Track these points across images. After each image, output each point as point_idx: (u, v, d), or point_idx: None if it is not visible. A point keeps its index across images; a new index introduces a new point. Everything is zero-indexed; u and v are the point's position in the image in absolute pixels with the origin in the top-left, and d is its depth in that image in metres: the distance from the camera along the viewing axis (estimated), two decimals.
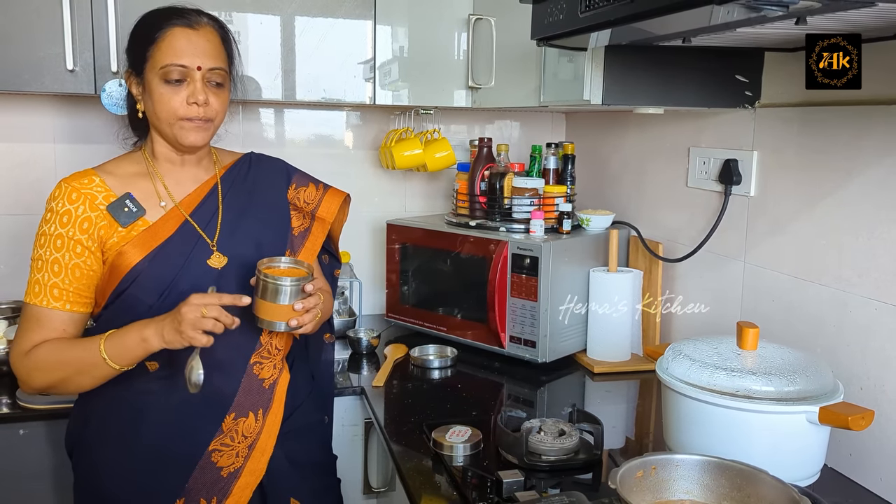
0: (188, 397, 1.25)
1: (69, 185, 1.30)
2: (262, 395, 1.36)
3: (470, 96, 2.06)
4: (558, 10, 1.20)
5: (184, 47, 1.27)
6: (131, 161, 1.38)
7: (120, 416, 1.30)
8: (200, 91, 1.28)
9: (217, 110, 1.32)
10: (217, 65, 1.30)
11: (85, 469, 1.35)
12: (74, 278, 1.27)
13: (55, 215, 1.28)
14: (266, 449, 1.35)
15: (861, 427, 1.13)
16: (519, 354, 1.89)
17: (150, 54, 1.28)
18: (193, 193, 1.37)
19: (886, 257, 1.28)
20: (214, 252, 1.34)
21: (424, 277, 2.11)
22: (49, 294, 1.27)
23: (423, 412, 1.61)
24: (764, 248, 1.58)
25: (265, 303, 1.25)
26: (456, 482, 1.28)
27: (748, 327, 1.28)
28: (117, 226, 1.29)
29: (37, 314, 1.27)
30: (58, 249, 1.27)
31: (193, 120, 1.29)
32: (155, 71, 1.27)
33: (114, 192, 1.31)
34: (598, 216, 2.00)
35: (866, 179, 1.32)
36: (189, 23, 1.28)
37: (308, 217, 1.49)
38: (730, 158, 1.65)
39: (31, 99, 2.06)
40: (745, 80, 1.57)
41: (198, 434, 1.31)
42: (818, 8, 0.89)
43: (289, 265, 1.32)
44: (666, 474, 1.09)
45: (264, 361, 1.37)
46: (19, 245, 2.11)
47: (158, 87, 1.28)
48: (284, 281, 1.24)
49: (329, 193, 1.51)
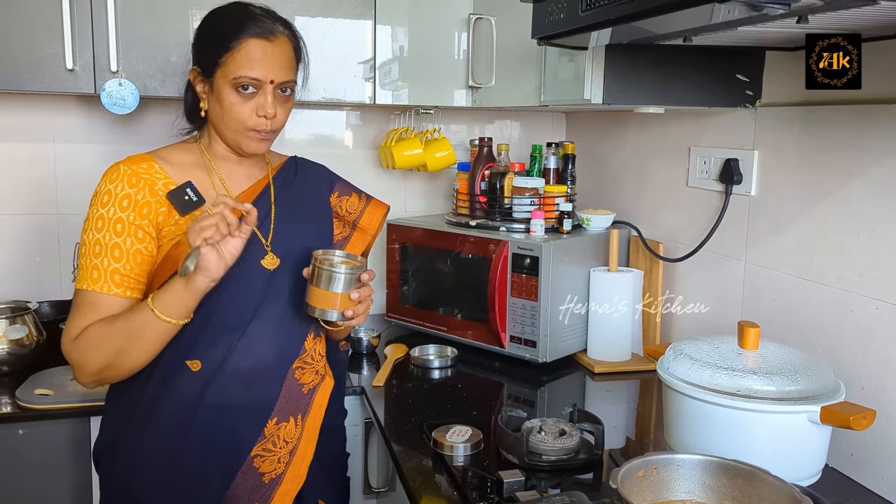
0: (231, 403, 1.23)
1: (129, 169, 1.26)
2: (301, 401, 1.33)
3: (470, 96, 2.06)
4: (559, 9, 1.19)
5: (259, 60, 1.24)
6: (186, 151, 1.35)
7: (160, 420, 1.26)
8: (271, 105, 1.26)
9: (282, 121, 1.31)
10: (289, 77, 1.29)
11: (118, 477, 1.30)
12: (136, 264, 1.23)
13: (114, 198, 1.24)
14: (306, 455, 1.33)
15: (862, 427, 1.13)
16: (519, 354, 1.89)
17: (224, 61, 1.25)
18: (248, 191, 1.36)
19: (888, 257, 1.27)
20: (268, 253, 1.32)
21: (424, 277, 2.10)
22: (110, 279, 1.22)
23: (423, 412, 1.60)
24: (765, 247, 1.57)
25: (319, 290, 1.24)
26: (456, 482, 1.28)
27: (749, 327, 1.28)
28: (175, 213, 1.26)
29: (93, 300, 1.22)
30: (118, 234, 1.22)
31: (259, 131, 1.28)
32: (227, 79, 1.25)
33: (173, 180, 1.28)
34: (598, 216, 1.99)
35: (867, 179, 1.31)
36: (265, 33, 1.25)
37: (349, 226, 1.48)
38: (730, 158, 1.64)
39: (30, 98, 2.06)
40: (745, 79, 1.57)
41: (240, 438, 1.28)
42: (820, 6, 0.89)
43: (342, 258, 1.31)
44: (667, 474, 1.08)
45: (306, 367, 1.35)
46: (19, 244, 2.11)
47: (229, 95, 1.26)
48: (340, 268, 1.23)
49: (372, 205, 1.51)
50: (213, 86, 1.28)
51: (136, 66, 1.78)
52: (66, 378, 1.79)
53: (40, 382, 1.76)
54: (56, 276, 2.14)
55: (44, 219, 2.12)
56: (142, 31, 1.78)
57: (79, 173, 2.13)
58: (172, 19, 1.80)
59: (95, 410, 1.67)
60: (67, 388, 1.73)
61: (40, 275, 2.12)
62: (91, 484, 1.70)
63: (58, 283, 2.14)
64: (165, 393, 1.25)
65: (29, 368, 1.83)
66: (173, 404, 1.26)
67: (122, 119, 2.11)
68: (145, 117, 2.15)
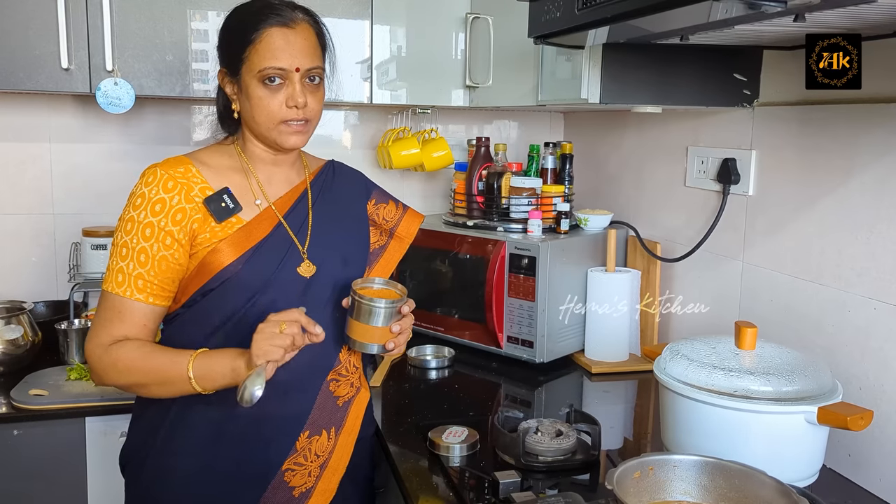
0: (263, 414, 1.21)
1: (165, 173, 1.22)
2: (336, 414, 1.32)
3: (467, 95, 2.06)
4: (555, 8, 1.19)
5: (282, 48, 1.21)
6: (224, 153, 1.32)
7: (191, 430, 1.24)
8: (300, 93, 1.23)
9: (315, 110, 1.27)
10: (315, 64, 1.25)
11: (145, 485, 1.28)
12: (160, 271, 1.20)
13: (147, 202, 1.21)
14: (338, 469, 1.31)
15: (860, 427, 1.12)
16: (516, 355, 1.88)
17: (247, 56, 1.22)
18: (286, 195, 1.32)
19: (886, 257, 1.27)
20: (305, 260, 1.28)
21: (422, 277, 2.10)
22: (133, 284, 1.20)
23: (420, 412, 1.60)
24: (762, 247, 1.57)
25: (360, 324, 1.22)
26: (453, 483, 1.27)
27: (746, 327, 1.27)
28: (211, 220, 1.22)
29: (118, 305, 1.20)
30: (146, 239, 1.20)
31: (292, 123, 1.25)
32: (252, 73, 1.22)
33: (210, 185, 1.24)
34: (596, 216, 1.99)
35: (865, 178, 1.31)
36: (285, 21, 1.22)
37: (385, 234, 1.46)
38: (728, 158, 1.64)
39: (26, 98, 2.05)
40: (743, 78, 1.56)
41: (272, 452, 1.25)
42: (817, 4, 0.88)
43: (382, 286, 1.29)
44: (663, 475, 1.08)
45: (341, 379, 1.33)
46: (15, 244, 2.10)
47: (256, 89, 1.23)
48: (380, 303, 1.21)
49: (409, 214, 1.49)
50: (241, 84, 1.25)
51: (131, 66, 1.78)
52: (61, 379, 1.79)
53: (35, 383, 1.75)
54: (51, 277, 2.13)
55: (39, 219, 2.11)
56: (137, 30, 1.77)
57: (74, 173, 2.12)
58: (168, 18, 1.79)
59: (90, 411, 1.68)
60: (62, 389, 1.73)
61: (36, 275, 2.12)
62: (86, 484, 1.69)
63: (53, 283, 2.13)
64: (197, 401, 1.22)
65: (24, 369, 1.83)
66: (206, 415, 1.23)
67: (118, 118, 2.10)
68: (141, 117, 2.14)
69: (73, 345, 1.90)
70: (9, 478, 1.63)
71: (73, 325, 1.93)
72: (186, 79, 1.83)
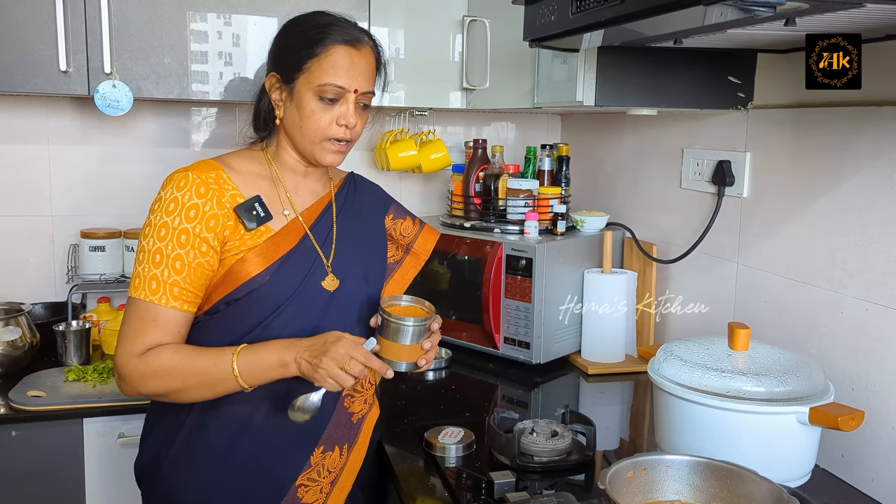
0: (279, 427, 1.21)
1: (197, 178, 1.20)
2: (350, 430, 1.32)
3: (465, 97, 2.06)
4: (550, 11, 1.20)
5: (346, 67, 1.21)
6: (252, 160, 1.30)
7: (205, 445, 1.23)
8: (352, 114, 1.23)
9: (359, 133, 1.28)
10: (371, 89, 1.26)
11: (160, 499, 1.28)
12: (195, 278, 1.18)
13: (181, 207, 1.18)
14: (346, 485, 1.31)
15: (851, 428, 1.13)
16: (513, 356, 1.89)
17: (308, 67, 1.21)
18: (312, 207, 1.31)
19: (877, 258, 1.28)
20: (329, 274, 1.27)
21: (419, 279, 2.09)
22: (169, 292, 1.16)
23: (416, 413, 1.61)
24: (757, 249, 1.58)
25: (389, 343, 1.21)
26: (449, 483, 1.28)
27: (739, 328, 1.28)
28: (241, 228, 1.21)
29: (152, 313, 1.17)
30: (182, 245, 1.17)
31: (337, 142, 1.25)
32: (310, 85, 1.21)
33: (240, 192, 1.23)
34: (592, 217, 2.00)
35: (858, 181, 1.32)
36: (353, 41, 1.22)
37: (402, 249, 1.47)
38: (723, 160, 1.65)
39: (24, 100, 2.06)
40: (737, 81, 1.57)
41: (286, 467, 1.24)
42: (806, 9, 0.89)
43: (409, 303, 1.29)
44: (656, 475, 1.09)
45: (356, 395, 1.33)
46: (13, 246, 2.11)
47: (310, 102, 1.22)
48: (409, 321, 1.21)
49: (425, 230, 1.49)
50: (294, 93, 1.23)
51: (129, 68, 1.78)
52: (59, 380, 1.79)
53: (33, 384, 1.76)
54: (50, 278, 2.14)
55: (38, 220, 2.12)
56: (136, 32, 1.78)
57: (73, 175, 2.13)
58: (167, 21, 1.80)
59: (88, 412, 1.68)
60: (60, 390, 1.73)
61: (34, 276, 2.12)
62: (83, 485, 1.70)
63: (51, 284, 2.14)
64: (214, 413, 1.22)
65: (22, 370, 1.84)
66: (221, 426, 1.23)
67: (116, 121, 2.10)
68: (139, 119, 2.15)
69: (72, 346, 1.91)
70: (6, 479, 1.63)
71: (71, 326, 1.94)
72: (185, 81, 1.83)
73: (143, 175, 2.14)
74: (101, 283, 2.04)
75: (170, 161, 1.72)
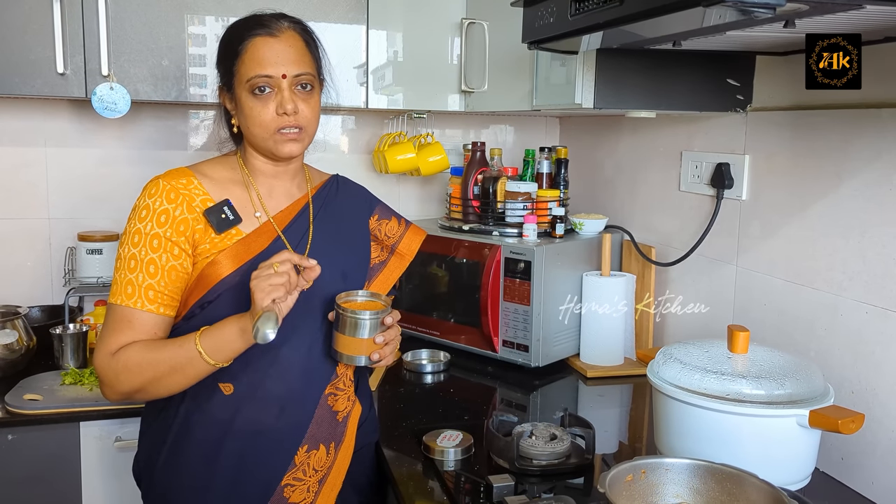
0: (262, 429, 1.22)
1: (168, 184, 1.24)
2: (336, 429, 1.32)
3: (463, 100, 2.06)
4: (548, 13, 1.20)
5: (266, 56, 1.23)
6: (226, 166, 1.33)
7: (191, 446, 1.25)
8: (288, 100, 1.24)
9: (308, 117, 1.27)
10: (302, 70, 1.25)
11: (155, 499, 1.30)
12: (170, 281, 1.21)
13: (152, 213, 1.22)
14: (336, 484, 1.32)
15: (851, 430, 1.13)
16: (512, 359, 1.88)
17: (237, 68, 1.25)
18: (286, 209, 1.33)
19: (876, 260, 1.28)
20: None
21: (418, 282, 2.10)
22: (143, 296, 1.20)
23: (415, 417, 1.60)
24: (756, 251, 1.57)
25: (345, 337, 1.23)
26: (447, 487, 1.28)
27: (738, 331, 1.28)
28: (211, 231, 1.24)
29: (128, 316, 1.20)
30: (154, 250, 1.21)
31: (286, 132, 1.26)
32: (242, 85, 1.24)
33: (211, 196, 1.26)
34: (591, 220, 1.99)
35: (857, 183, 1.32)
36: (270, 31, 1.24)
37: (387, 250, 1.47)
38: (722, 162, 1.65)
39: (22, 102, 2.06)
40: (736, 83, 1.57)
41: (270, 468, 1.26)
42: (805, 10, 0.89)
43: (366, 298, 1.29)
44: (655, 478, 1.08)
45: (339, 393, 1.33)
46: (10, 249, 2.10)
47: (247, 100, 1.24)
48: (364, 314, 1.22)
49: (411, 230, 1.50)
50: (235, 97, 1.27)
51: (127, 71, 1.78)
52: (56, 383, 1.79)
53: (29, 387, 1.75)
54: (47, 281, 2.13)
55: (35, 223, 2.11)
56: (133, 35, 1.77)
57: (70, 178, 2.12)
58: (164, 23, 1.80)
59: (85, 415, 1.67)
60: (56, 394, 1.73)
61: (31, 279, 2.12)
62: (80, 489, 1.69)
63: (48, 287, 2.13)
64: (198, 417, 1.24)
65: (18, 373, 1.83)
66: (205, 430, 1.24)
67: (114, 123, 2.10)
68: (137, 122, 2.15)
69: (68, 349, 1.90)
70: (3, 483, 1.62)
71: (68, 329, 1.93)
72: (182, 83, 1.83)
73: (140, 178, 2.10)
74: (99, 286, 2.04)
75: (167, 164, 1.70)
